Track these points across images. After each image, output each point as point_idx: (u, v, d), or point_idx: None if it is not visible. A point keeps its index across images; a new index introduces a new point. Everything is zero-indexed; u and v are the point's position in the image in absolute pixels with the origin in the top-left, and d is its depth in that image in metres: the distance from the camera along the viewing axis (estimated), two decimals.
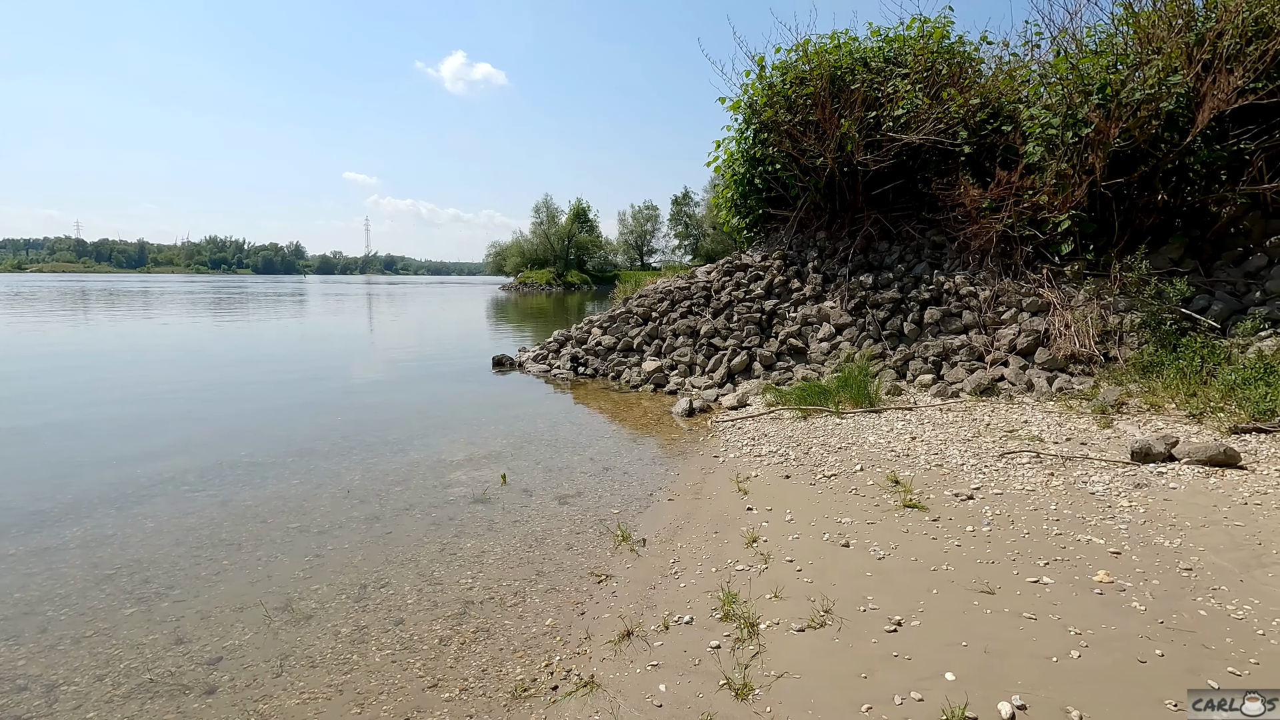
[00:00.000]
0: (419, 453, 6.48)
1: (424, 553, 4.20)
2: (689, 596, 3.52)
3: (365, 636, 3.24)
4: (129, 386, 9.95)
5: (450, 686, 2.85)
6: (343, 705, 2.73)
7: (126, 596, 3.64)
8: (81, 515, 4.78)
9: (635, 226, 78.94)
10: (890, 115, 9.95)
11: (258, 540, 4.38)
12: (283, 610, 3.49)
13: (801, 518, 4.48)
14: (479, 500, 5.15)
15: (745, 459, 5.98)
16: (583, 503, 5.11)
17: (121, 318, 23.59)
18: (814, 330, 9.78)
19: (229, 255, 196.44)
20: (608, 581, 3.79)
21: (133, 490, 5.30)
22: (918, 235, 10.47)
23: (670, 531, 4.46)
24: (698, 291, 11.49)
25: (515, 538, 4.43)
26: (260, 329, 20.65)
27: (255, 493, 5.29)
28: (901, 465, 5.40)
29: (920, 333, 8.96)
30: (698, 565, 3.90)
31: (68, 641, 3.20)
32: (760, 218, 12.72)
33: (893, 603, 3.27)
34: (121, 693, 2.82)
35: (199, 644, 3.19)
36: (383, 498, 5.21)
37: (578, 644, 3.14)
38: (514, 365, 12.12)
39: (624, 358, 10.87)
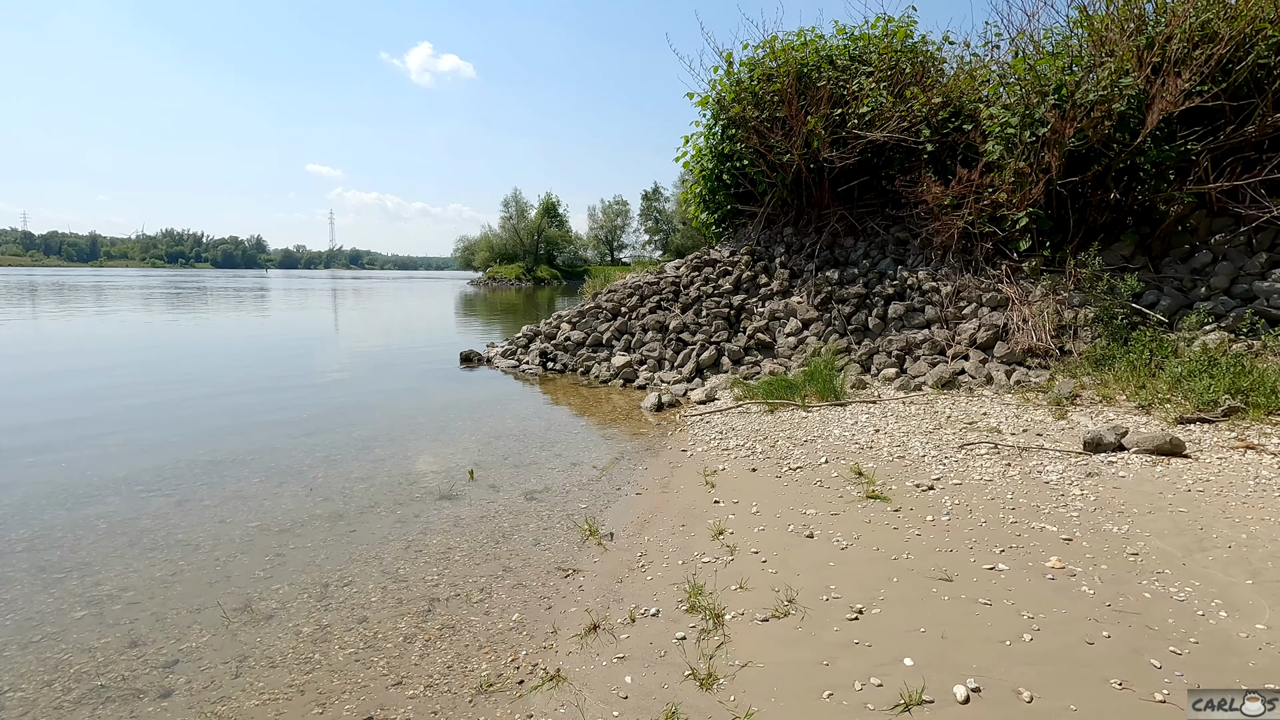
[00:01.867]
0: (384, 449, 6.40)
1: (389, 550, 4.15)
2: (656, 589, 3.55)
3: (328, 635, 3.20)
4: (79, 385, 9.61)
5: (415, 684, 2.83)
6: (304, 705, 2.69)
7: (77, 599, 3.53)
8: (29, 516, 4.62)
9: (605, 221, 78.74)
10: (855, 113, 10.09)
11: (216, 540, 4.28)
12: (242, 611, 3.43)
13: (767, 510, 4.53)
14: (445, 497, 5.11)
15: (713, 453, 6.03)
16: (550, 498, 5.10)
17: (72, 314, 22.75)
18: (781, 325, 9.88)
19: (187, 249, 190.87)
20: (575, 576, 3.80)
21: (84, 490, 5.14)
22: (882, 231, 10.65)
23: (638, 525, 4.48)
24: (667, 287, 11.53)
25: (482, 534, 4.41)
26: (218, 325, 20.11)
27: (214, 492, 5.17)
28: (865, 457, 5.50)
29: (885, 327, 9.12)
30: (665, 558, 3.93)
31: (14, 647, 3.09)
32: (729, 213, 12.80)
33: (854, 592, 3.34)
34: (71, 698, 2.74)
35: (154, 646, 3.11)
36: (347, 495, 5.13)
37: (544, 638, 3.15)
38: (483, 361, 12.02)
39: (593, 353, 10.86)
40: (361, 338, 17.55)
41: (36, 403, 8.38)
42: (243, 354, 13.67)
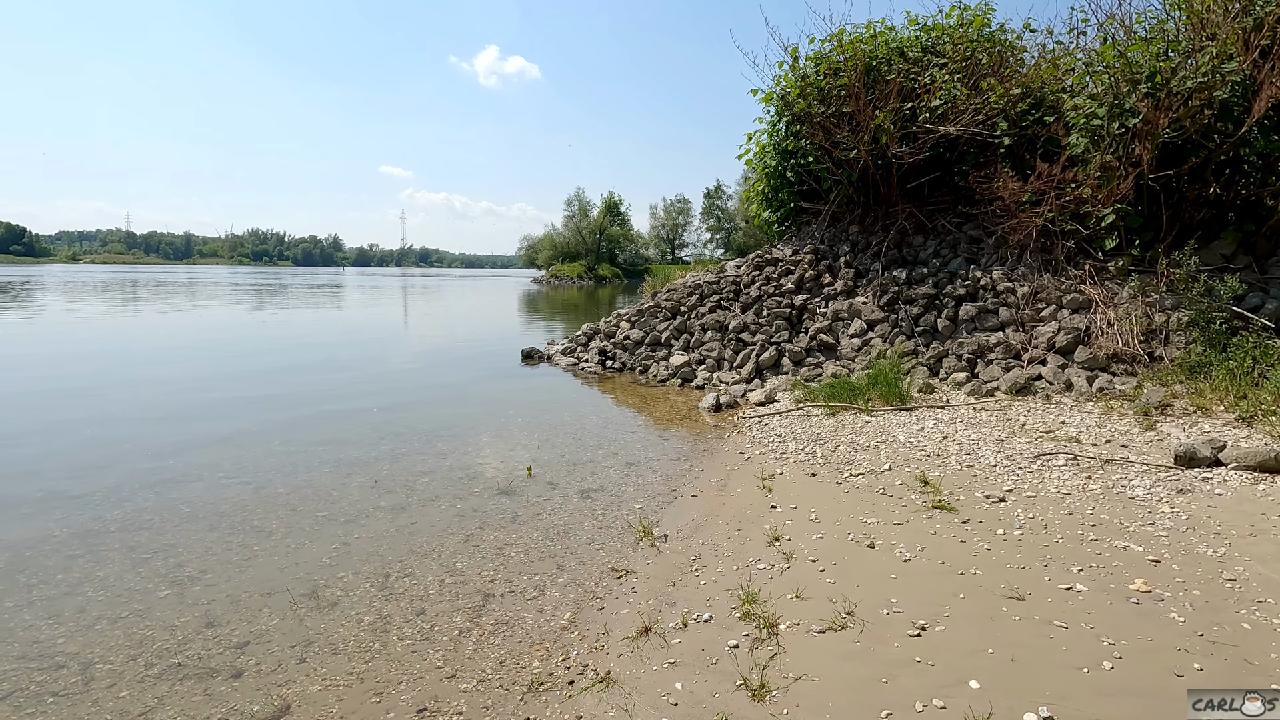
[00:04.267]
0: (446, 444, 6.56)
1: (447, 544, 4.24)
2: (709, 594, 3.49)
3: (387, 625, 3.29)
4: (169, 376, 10.27)
5: (468, 678, 2.87)
6: (362, 693, 2.77)
7: (161, 579, 3.75)
8: (122, 500, 4.94)
9: (667, 220, 78.66)
10: (927, 106, 9.71)
11: (287, 528, 4.48)
12: (309, 597, 3.56)
13: (826, 517, 4.41)
14: (504, 492, 5.19)
15: (771, 456, 5.91)
16: (606, 497, 5.11)
17: (166, 308, 24.37)
18: (845, 326, 9.62)
19: (270, 248, 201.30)
20: (628, 577, 3.78)
21: (171, 476, 5.47)
22: (954, 229, 10.22)
23: (693, 528, 4.44)
24: (727, 286, 11.40)
25: (538, 531, 4.45)
26: (297, 320, 21.13)
27: (287, 481, 5.41)
28: (931, 465, 5.28)
29: (955, 329, 8.75)
30: (719, 563, 3.87)
31: (105, 621, 3.31)
32: (792, 211, 12.56)
33: (917, 606, 3.20)
34: (153, 673, 2.91)
35: (228, 627, 3.27)
36: (409, 488, 5.28)
37: (595, 639, 3.14)
38: (543, 358, 12.19)
39: (652, 352, 10.85)
40: (428, 334, 18.11)
41: (126, 392, 8.99)
42: (318, 348, 14.30)
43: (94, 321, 18.54)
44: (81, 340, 14.61)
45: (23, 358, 11.95)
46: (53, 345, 13.75)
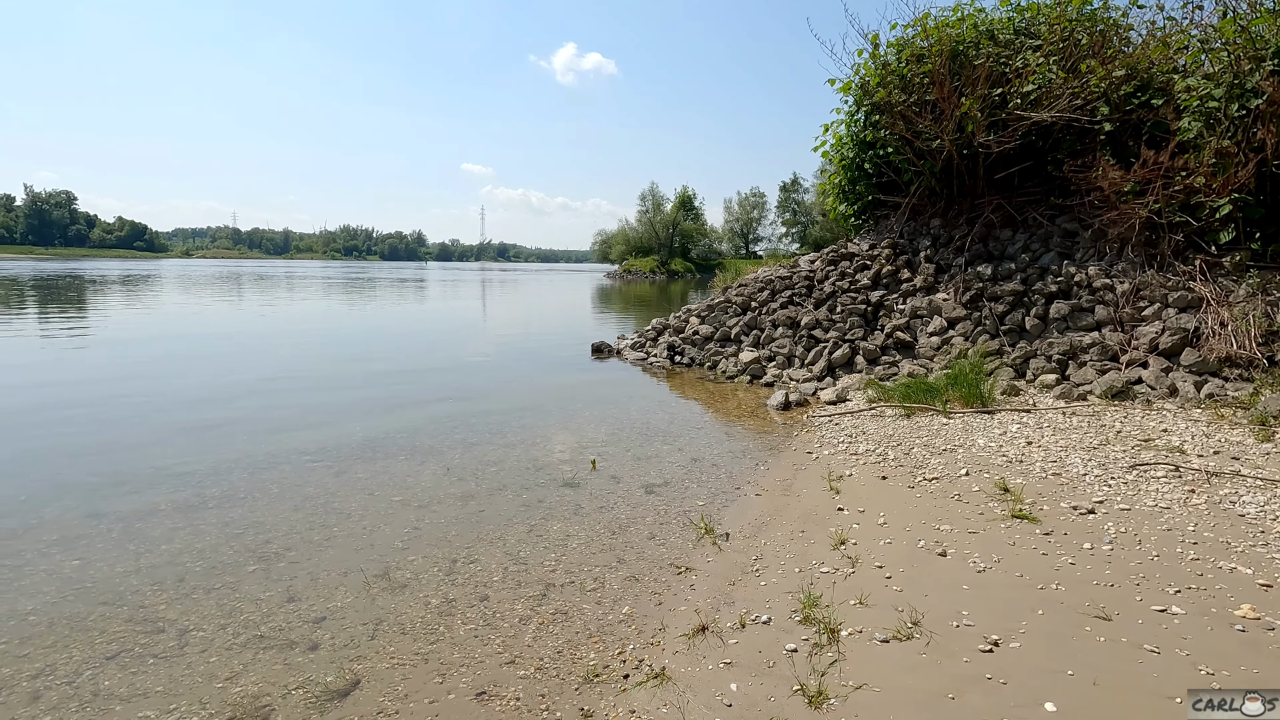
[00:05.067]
0: (515, 435, 6.71)
1: (512, 532, 4.34)
2: (769, 596, 3.43)
3: (452, 609, 3.40)
4: (262, 363, 10.97)
5: (526, 664, 2.93)
6: (426, 673, 2.87)
7: (250, 554, 4.01)
8: (219, 478, 5.32)
9: (741, 214, 77.73)
10: (1018, 92, 9.16)
11: (364, 511, 4.70)
12: (381, 577, 3.73)
13: (896, 522, 4.25)
14: (568, 484, 5.27)
15: (840, 456, 5.75)
16: (669, 493, 5.11)
17: (263, 300, 26.06)
18: (924, 324, 9.23)
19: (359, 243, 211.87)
20: (687, 574, 3.77)
21: (262, 458, 5.84)
22: (1045, 222, 9.62)
23: (755, 527, 4.37)
24: (799, 281, 11.16)
25: (600, 524, 4.49)
26: (382, 311, 22.16)
27: (366, 466, 5.67)
28: (1013, 472, 5.00)
29: (1044, 328, 8.25)
30: (781, 564, 3.79)
31: (200, 592, 3.57)
32: (869, 204, 12.16)
33: (990, 620, 3.04)
34: (239, 642, 3.11)
35: (307, 603, 3.47)
36: (479, 477, 5.44)
37: (652, 634, 3.14)
38: (612, 353, 12.29)
39: (721, 347, 10.75)
40: (503, 327, 18.60)
41: (225, 377, 9.66)
42: (399, 339, 14.95)
43: (202, 313, 20.05)
44: (192, 329, 15.84)
45: (135, 345, 13.05)
46: (162, 335, 14.96)
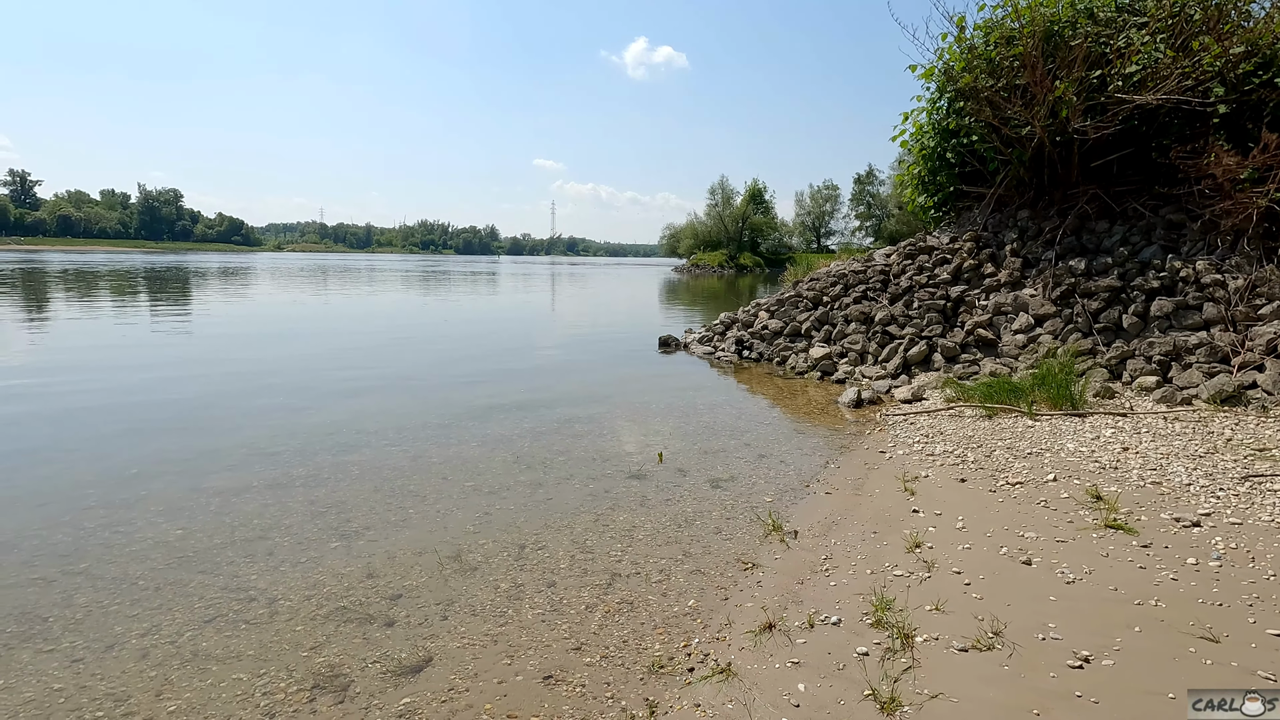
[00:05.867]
0: (583, 425, 6.79)
1: (579, 521, 4.39)
2: (839, 596, 3.34)
3: (520, 594, 3.47)
4: (344, 352, 11.51)
5: (592, 652, 2.96)
6: (495, 654, 2.94)
7: (333, 532, 4.21)
8: (306, 459, 5.61)
9: (813, 207, 76.08)
10: (1120, 73, 8.55)
11: (438, 494, 4.85)
12: (453, 559, 3.84)
13: (975, 526, 4.06)
14: (634, 476, 5.29)
15: (915, 457, 5.54)
16: (736, 488, 5.05)
17: (346, 292, 27.34)
18: (1008, 321, 8.78)
19: (436, 237, 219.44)
20: (754, 570, 3.71)
21: (346, 441, 6.12)
22: (1147, 213, 8.96)
23: (824, 526, 4.26)
24: (874, 276, 10.80)
25: (666, 516, 4.49)
26: (455, 304, 22.87)
27: (440, 452, 5.86)
28: (1106, 479, 4.69)
29: (1144, 327, 7.69)
30: (851, 565, 3.69)
31: (288, 565, 3.77)
32: (950, 196, 11.65)
33: (1080, 635, 2.85)
34: (323, 614, 3.27)
35: (384, 580, 3.61)
36: (547, 465, 5.53)
37: (718, 629, 3.12)
38: (679, 346, 12.26)
39: (790, 343, 10.55)
40: (571, 319, 18.86)
41: (306, 367, 10.18)
42: (471, 330, 15.39)
43: (291, 304, 21.23)
44: (282, 318, 16.81)
45: (233, 333, 13.94)
46: (257, 325, 15.92)
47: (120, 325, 14.63)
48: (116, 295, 22.49)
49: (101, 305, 19.01)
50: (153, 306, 18.98)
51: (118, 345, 11.85)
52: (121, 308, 18.44)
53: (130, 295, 22.64)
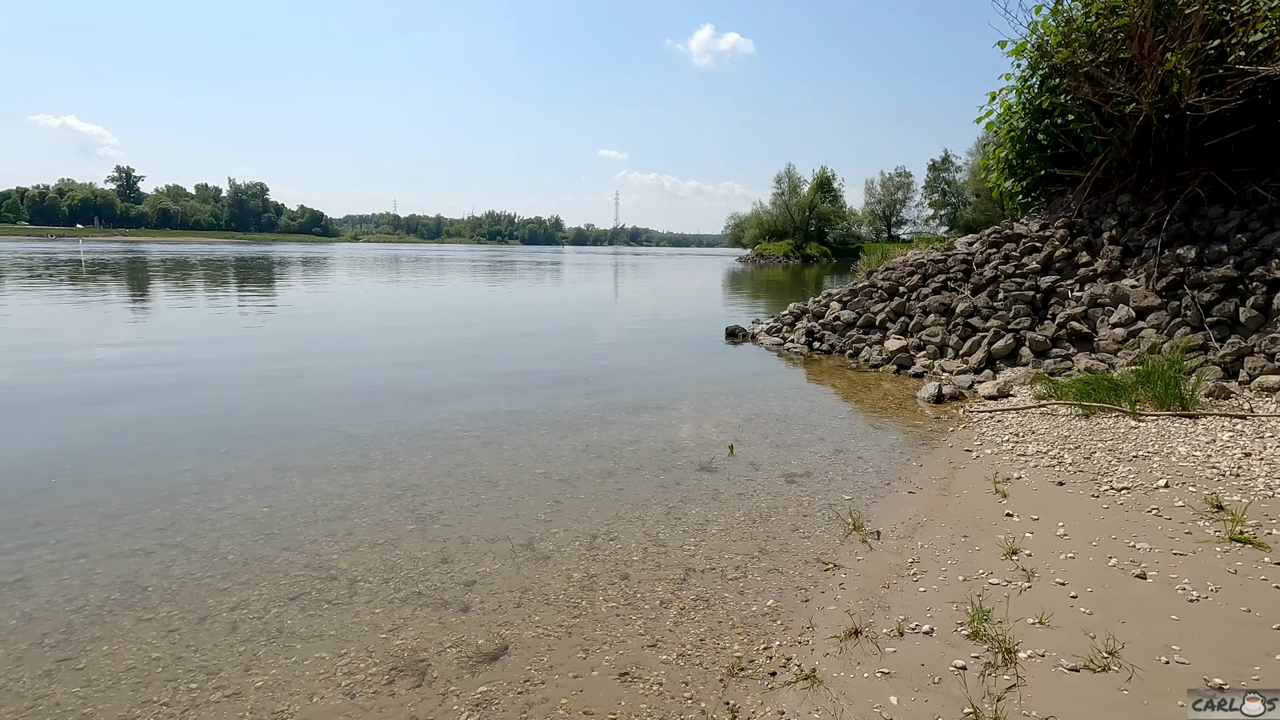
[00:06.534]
0: (652, 415, 6.71)
1: (650, 513, 4.31)
2: (929, 603, 3.14)
3: (594, 585, 3.41)
4: (417, 338, 11.80)
5: (668, 649, 2.87)
6: (570, 646, 2.89)
7: (409, 515, 4.26)
8: (382, 442, 5.73)
9: (884, 195, 73.61)
10: (1242, 42, 7.78)
11: (510, 481, 4.86)
12: (526, 547, 3.82)
13: (1079, 534, 3.75)
14: (705, 468, 5.16)
15: (1005, 457, 5.21)
16: (811, 484, 4.86)
17: (417, 281, 28.14)
18: (1106, 313, 8.18)
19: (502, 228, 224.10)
20: (835, 571, 3.54)
21: (420, 425, 6.23)
22: (1270, 197, 8.15)
23: (909, 527, 4.04)
24: (955, 265, 10.28)
25: (739, 511, 4.35)
26: (521, 293, 23.21)
27: (511, 438, 5.89)
28: (1227, 487, 4.27)
29: (1265, 321, 7.01)
30: (941, 570, 3.47)
31: (366, 546, 3.84)
32: (1040, 180, 10.96)
33: (1209, 660, 2.58)
34: (400, 597, 3.30)
35: (459, 565, 3.62)
36: (616, 455, 5.47)
37: (799, 632, 2.97)
38: (747, 337, 12.02)
39: (864, 335, 10.17)
40: (635, 309, 18.83)
41: (383, 353, 10.46)
42: (537, 319, 15.56)
43: (369, 293, 22.02)
44: (360, 306, 17.44)
45: (314, 320, 14.51)
46: (337, 312, 16.55)
47: (213, 312, 15.49)
48: (210, 284, 23.86)
49: (197, 293, 20.21)
50: (242, 295, 20.04)
51: (211, 332, 12.54)
52: (214, 296, 19.54)
53: (222, 284, 23.98)
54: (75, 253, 47.24)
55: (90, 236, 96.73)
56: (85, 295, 18.36)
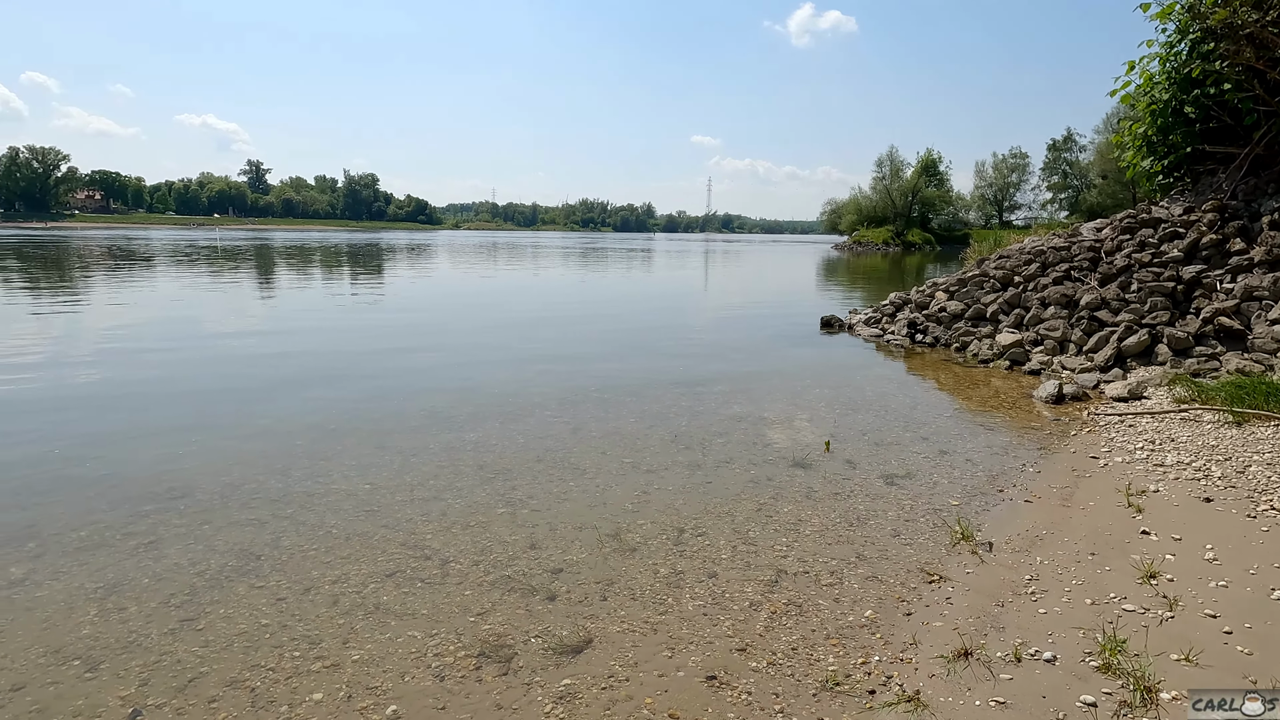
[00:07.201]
0: (742, 407, 6.53)
1: (740, 509, 4.17)
2: (1050, 627, 2.84)
3: (680, 582, 3.32)
4: (509, 325, 12.08)
5: (758, 655, 2.73)
6: (655, 644, 2.81)
7: (500, 498, 4.32)
8: (477, 424, 5.87)
9: (996, 178, 68.93)
10: None
11: (598, 469, 4.85)
12: (613, 538, 3.78)
13: (1231, 559, 3.31)
14: (798, 465, 4.95)
15: (1140, 466, 4.69)
16: (914, 486, 4.56)
17: (513, 267, 28.92)
18: (1263, 308, 7.24)
19: (595, 215, 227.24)
20: (941, 584, 3.28)
21: (512, 410, 6.34)
22: None
23: (1027, 540, 3.70)
24: (1081, 253, 9.41)
25: (835, 512, 4.13)
26: (612, 279, 23.38)
27: (600, 426, 5.89)
28: None
29: None
30: (1065, 590, 3.14)
31: (458, 528, 3.91)
32: (1185, 158, 9.84)
33: None
34: (489, 580, 3.33)
35: (546, 552, 3.62)
36: (705, 447, 5.35)
37: (901, 648, 2.76)
38: (843, 327, 11.55)
39: (973, 327, 9.51)
40: (726, 297, 18.55)
41: (477, 337, 10.76)
42: (627, 305, 15.59)
43: (465, 278, 22.83)
44: (461, 293, 18.11)
45: (421, 303, 15.17)
46: (436, 297, 17.25)
47: (329, 296, 16.52)
48: (327, 269, 25.52)
49: (314, 277, 21.65)
50: (354, 279, 21.29)
51: (325, 314, 13.36)
52: (330, 280, 20.87)
53: (338, 269, 25.58)
54: (212, 240, 51.93)
55: (225, 225, 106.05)
56: (221, 279, 20.08)
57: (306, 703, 2.45)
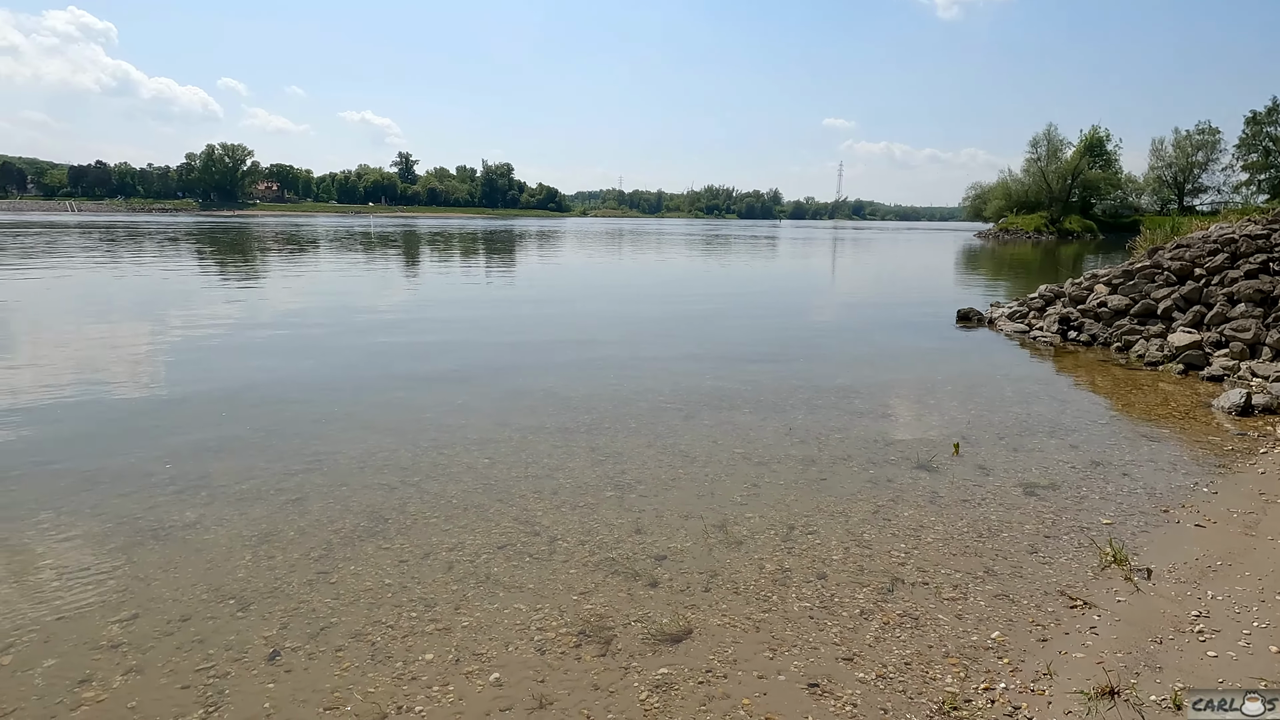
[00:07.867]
0: (864, 402, 6.20)
1: (855, 509, 3.95)
2: (1220, 673, 2.45)
3: (787, 580, 3.19)
4: (627, 311, 12.22)
5: (866, 666, 2.57)
6: (756, 642, 2.72)
7: (608, 481, 4.37)
8: (591, 407, 5.98)
9: (1177, 158, 60.87)
10: None
11: (708, 458, 4.78)
12: (719, 529, 3.71)
13: None
14: (923, 466, 4.62)
15: None
16: (1057, 499, 4.11)
17: (638, 255, 29.29)
18: None
19: (720, 202, 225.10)
20: (1085, 611, 2.93)
21: (627, 393, 6.41)
22: None
23: (1196, 570, 3.22)
24: None
25: (962, 520, 3.82)
26: (734, 267, 23.06)
27: (712, 414, 5.81)
28: None
29: None
30: (1242, 631, 2.70)
31: (566, 508, 4.00)
32: None
33: None
34: (594, 561, 3.38)
35: (651, 538, 3.62)
36: (821, 442, 5.13)
37: (1032, 677, 2.49)
38: (983, 321, 10.68)
39: (1139, 325, 8.46)
40: (855, 287, 17.76)
41: (597, 324, 10.95)
42: (748, 294, 15.31)
43: (590, 266, 23.44)
44: (583, 278, 18.62)
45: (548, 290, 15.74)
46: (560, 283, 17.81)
47: (466, 280, 17.56)
48: (465, 256, 27.13)
49: (454, 263, 23.08)
50: (489, 264, 22.47)
51: (463, 297, 14.20)
52: (468, 266, 22.17)
53: (477, 255, 27.13)
54: (366, 226, 56.80)
55: (377, 213, 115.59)
56: (376, 264, 21.89)
57: (419, 661, 2.59)
